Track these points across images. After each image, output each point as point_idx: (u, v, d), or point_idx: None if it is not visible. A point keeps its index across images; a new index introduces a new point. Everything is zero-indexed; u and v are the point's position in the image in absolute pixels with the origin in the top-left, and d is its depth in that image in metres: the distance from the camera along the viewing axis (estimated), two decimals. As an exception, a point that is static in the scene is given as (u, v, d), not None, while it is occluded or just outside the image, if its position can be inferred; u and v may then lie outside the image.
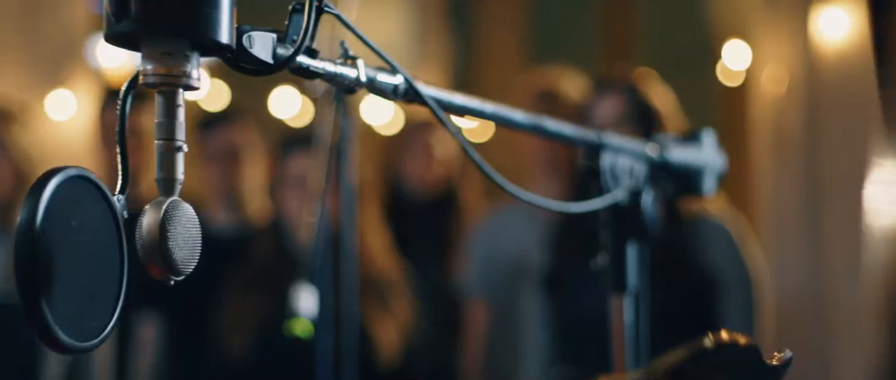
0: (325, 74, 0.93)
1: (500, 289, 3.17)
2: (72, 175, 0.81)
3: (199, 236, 0.84)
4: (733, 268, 2.53)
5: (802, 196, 4.14)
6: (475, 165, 1.03)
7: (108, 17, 0.80)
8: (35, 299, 0.76)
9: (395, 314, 2.72)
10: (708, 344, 0.72)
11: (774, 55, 4.25)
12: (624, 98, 2.61)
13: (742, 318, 2.52)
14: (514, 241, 3.14)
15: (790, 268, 3.99)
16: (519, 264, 3.06)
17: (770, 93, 4.29)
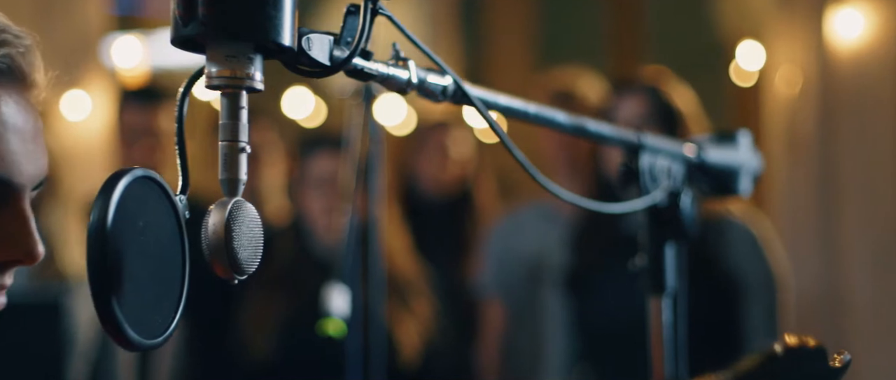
0: (378, 76, 0.95)
1: (516, 289, 3.18)
2: (138, 176, 0.82)
3: (262, 236, 0.85)
4: (757, 270, 2.54)
5: (817, 197, 4.15)
6: (521, 166, 1.04)
7: (174, 20, 0.82)
8: (107, 297, 0.78)
9: (415, 314, 2.73)
10: (779, 350, 0.73)
11: (788, 56, 4.26)
12: (645, 99, 2.61)
13: (766, 320, 2.53)
14: (531, 241, 3.15)
15: (804, 268, 3.99)
16: (536, 265, 3.07)
17: (784, 93, 4.30)
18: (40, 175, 0.92)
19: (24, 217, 0.89)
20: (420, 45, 0.97)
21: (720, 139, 1.31)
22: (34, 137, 0.91)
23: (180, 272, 0.87)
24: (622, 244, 2.68)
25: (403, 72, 0.97)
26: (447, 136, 3.57)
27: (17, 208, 0.89)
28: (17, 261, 0.89)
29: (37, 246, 0.89)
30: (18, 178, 0.89)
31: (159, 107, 3.32)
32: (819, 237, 4.14)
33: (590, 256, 2.72)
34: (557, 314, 2.81)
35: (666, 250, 1.23)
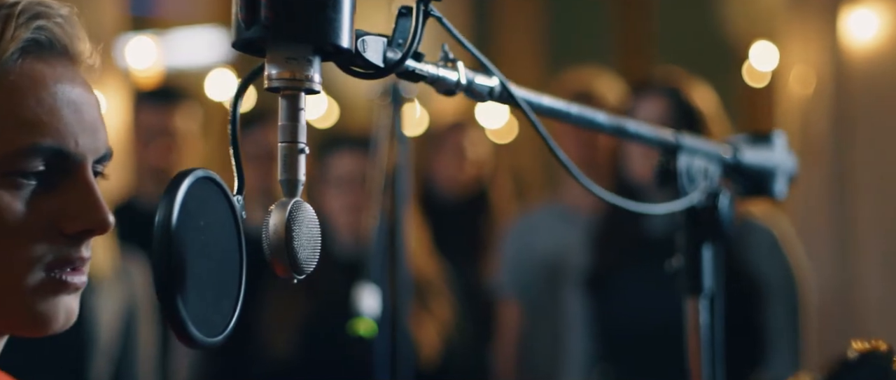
0: (429, 77, 0.96)
1: (533, 289, 3.19)
2: (200, 176, 0.84)
3: (320, 236, 0.87)
4: (779, 271, 2.54)
5: (830, 197, 4.16)
6: (564, 168, 1.06)
7: (237, 23, 0.83)
8: (172, 296, 0.79)
9: (434, 314, 2.74)
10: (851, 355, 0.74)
11: (802, 56, 4.27)
12: (665, 100, 2.62)
13: (788, 321, 2.54)
14: (548, 241, 3.15)
15: (819, 269, 4.00)
16: (554, 265, 3.08)
17: (797, 94, 4.31)
18: (100, 148, 0.92)
19: (90, 188, 0.90)
20: (469, 47, 0.99)
21: (755, 140, 1.32)
22: (88, 108, 0.92)
23: (238, 271, 0.88)
24: (643, 245, 2.69)
25: (453, 73, 0.98)
26: (464, 136, 3.58)
27: (82, 180, 0.90)
28: (90, 231, 0.90)
29: (107, 215, 0.89)
30: (76, 148, 0.89)
31: (175, 107, 3.33)
32: (832, 237, 4.14)
33: (610, 256, 2.73)
34: (577, 315, 2.82)
35: (703, 251, 1.24)
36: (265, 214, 0.85)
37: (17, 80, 0.88)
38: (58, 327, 0.90)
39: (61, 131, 0.89)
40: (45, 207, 0.88)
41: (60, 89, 0.90)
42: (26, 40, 0.89)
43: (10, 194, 0.87)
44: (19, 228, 0.87)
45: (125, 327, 2.57)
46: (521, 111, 1.04)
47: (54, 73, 0.90)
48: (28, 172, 0.87)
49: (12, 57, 0.88)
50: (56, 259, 0.88)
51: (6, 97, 0.87)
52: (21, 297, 0.87)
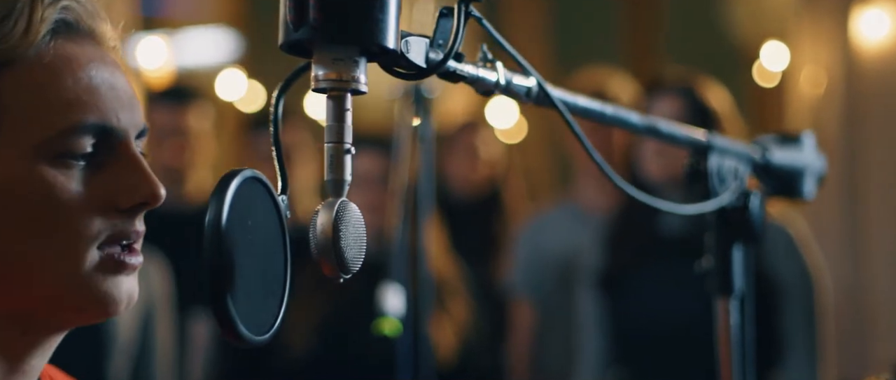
0: (469, 78, 0.96)
1: (546, 289, 3.19)
2: (247, 176, 0.84)
3: (365, 236, 0.87)
4: (794, 271, 2.54)
5: (841, 197, 4.16)
6: (600, 169, 1.06)
7: (285, 25, 0.83)
8: (222, 295, 0.80)
9: (451, 314, 2.75)
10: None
11: (813, 56, 4.27)
12: (680, 100, 2.62)
13: (804, 321, 2.54)
14: (561, 241, 3.16)
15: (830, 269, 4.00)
16: (567, 265, 3.08)
17: (808, 94, 4.31)
18: (139, 123, 0.93)
19: (137, 161, 0.90)
20: (508, 48, 0.99)
21: (784, 140, 1.32)
22: (122, 85, 0.92)
23: (283, 270, 0.89)
24: (657, 245, 2.69)
25: (492, 73, 0.99)
26: (476, 136, 3.58)
27: (128, 154, 0.90)
28: (144, 204, 0.90)
29: (159, 187, 0.90)
30: (118, 123, 0.90)
31: (188, 106, 3.34)
32: (843, 237, 4.15)
33: (624, 256, 2.73)
34: (591, 315, 2.82)
35: (733, 252, 1.25)
36: (312, 214, 0.85)
37: (53, 62, 0.88)
38: (122, 307, 0.90)
39: (102, 108, 0.89)
40: (96, 185, 0.88)
41: (94, 68, 0.90)
42: (55, 21, 0.89)
43: (62, 175, 0.87)
44: (75, 208, 0.87)
45: (143, 325, 2.58)
46: (557, 111, 1.04)
47: (85, 52, 0.91)
48: (75, 151, 0.88)
49: (44, 39, 0.88)
50: (113, 235, 0.89)
51: (45, 79, 0.88)
52: (84, 279, 0.88)
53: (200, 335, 3.01)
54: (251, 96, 5.06)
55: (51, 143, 0.87)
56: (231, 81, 4.95)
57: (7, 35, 0.87)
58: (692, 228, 2.62)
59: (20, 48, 0.87)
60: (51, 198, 0.86)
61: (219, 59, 5.47)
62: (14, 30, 0.87)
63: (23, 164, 0.86)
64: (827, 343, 2.67)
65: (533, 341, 3.26)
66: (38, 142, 0.87)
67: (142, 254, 0.93)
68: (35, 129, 0.87)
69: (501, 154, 3.74)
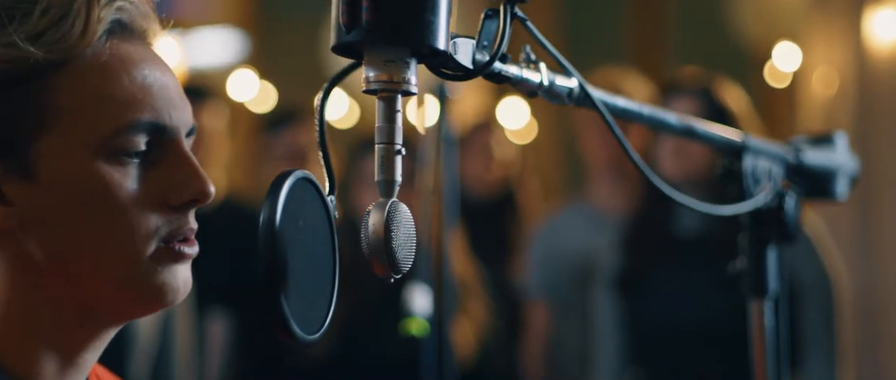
0: (513, 79, 0.97)
1: (561, 290, 3.19)
2: (299, 177, 0.85)
3: (415, 236, 0.88)
4: (813, 271, 2.54)
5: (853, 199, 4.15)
6: (639, 170, 1.06)
7: (337, 27, 0.84)
8: (275, 294, 0.81)
9: (469, 315, 2.75)
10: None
11: (825, 57, 4.27)
12: (697, 100, 2.62)
13: (823, 322, 2.54)
14: (576, 242, 3.16)
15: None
16: (583, 266, 3.09)
17: (820, 94, 4.31)
18: (189, 121, 0.95)
19: (188, 159, 0.92)
20: (550, 49, 1.00)
21: (817, 141, 1.33)
22: (173, 84, 0.94)
23: (332, 269, 0.90)
24: (674, 246, 2.69)
25: (535, 74, 0.99)
26: (491, 136, 3.59)
27: (179, 151, 0.92)
28: (195, 201, 0.92)
29: (209, 185, 0.92)
30: (170, 121, 0.92)
31: (202, 105, 3.34)
32: (855, 239, 4.14)
33: (641, 257, 2.73)
34: (608, 316, 2.82)
35: (768, 253, 1.25)
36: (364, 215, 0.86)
37: (109, 61, 0.90)
38: (179, 296, 0.92)
39: (156, 107, 0.91)
40: (150, 182, 0.90)
41: (147, 67, 0.92)
42: (111, 22, 0.91)
43: (119, 173, 0.89)
44: (133, 205, 0.89)
45: (163, 324, 2.59)
46: (597, 112, 1.05)
47: (138, 52, 0.92)
48: (131, 149, 0.89)
49: (100, 39, 0.90)
50: (170, 232, 0.91)
51: (102, 78, 0.90)
52: (143, 270, 0.90)
53: (217, 335, 3.02)
54: (263, 97, 5.06)
55: (107, 141, 0.89)
56: (243, 82, 4.95)
57: (65, 35, 0.88)
58: (708, 228, 2.62)
59: (77, 48, 0.89)
60: (108, 195, 0.88)
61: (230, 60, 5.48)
62: (72, 30, 0.88)
63: (80, 162, 0.88)
64: (846, 345, 2.67)
65: (547, 343, 3.26)
66: (95, 140, 0.89)
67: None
68: (92, 127, 0.89)
69: (516, 154, 3.74)
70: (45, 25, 0.88)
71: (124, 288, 0.90)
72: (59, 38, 0.88)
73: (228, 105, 4.74)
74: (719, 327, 2.58)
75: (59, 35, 0.88)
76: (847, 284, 2.85)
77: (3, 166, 0.88)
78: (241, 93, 4.94)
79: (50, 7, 0.88)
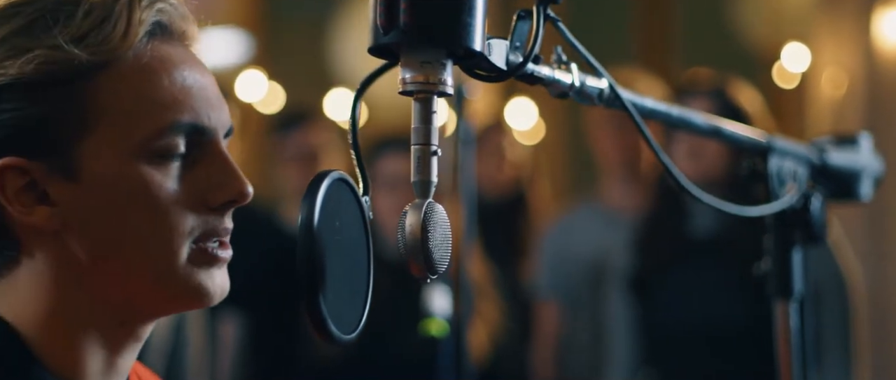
0: (546, 80, 0.97)
1: (572, 291, 3.19)
2: (336, 178, 0.86)
3: (450, 237, 0.88)
4: (829, 273, 2.54)
5: (863, 199, 4.15)
6: (669, 174, 1.06)
7: (375, 29, 0.84)
8: (314, 293, 0.81)
9: (483, 316, 2.75)
10: None
11: (834, 57, 4.27)
12: (711, 101, 2.62)
13: (839, 323, 2.53)
14: (588, 242, 3.16)
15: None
16: (595, 266, 3.09)
17: (829, 95, 4.30)
18: (227, 122, 0.96)
19: (226, 159, 0.93)
20: (581, 50, 1.00)
21: (841, 142, 1.33)
22: (211, 85, 0.95)
23: (367, 270, 0.90)
24: (688, 246, 2.69)
25: (567, 75, 0.99)
26: (502, 137, 3.58)
27: (217, 152, 0.93)
28: (232, 202, 0.93)
29: (247, 185, 0.93)
30: (209, 122, 0.93)
31: None
32: (865, 240, 4.14)
33: (654, 258, 2.73)
34: (621, 317, 2.82)
35: (793, 254, 1.25)
36: (400, 216, 0.86)
37: (150, 63, 0.91)
38: (215, 299, 0.93)
39: (195, 108, 0.92)
40: (189, 183, 0.91)
41: (186, 69, 0.93)
42: (152, 24, 0.92)
43: (159, 173, 0.90)
44: (171, 205, 0.90)
45: (176, 324, 2.59)
46: (627, 113, 1.05)
47: (177, 54, 0.93)
48: (171, 150, 0.90)
49: (141, 41, 0.91)
50: (205, 232, 0.92)
51: (142, 80, 0.90)
52: (180, 272, 0.91)
53: (228, 335, 3.02)
54: (271, 97, 5.06)
55: (148, 142, 0.90)
56: (251, 83, 4.95)
57: (107, 37, 0.89)
58: (722, 229, 2.62)
59: (119, 50, 0.90)
60: (148, 195, 0.89)
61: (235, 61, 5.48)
62: (114, 32, 0.89)
63: (121, 162, 0.89)
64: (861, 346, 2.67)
65: (558, 343, 3.26)
66: (136, 141, 0.89)
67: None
68: (133, 128, 0.90)
69: (526, 155, 3.74)
70: (88, 27, 0.89)
71: (162, 287, 0.91)
72: (102, 40, 0.89)
73: (237, 106, 4.75)
74: (732, 327, 2.59)
75: (101, 37, 0.89)
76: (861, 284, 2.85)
77: (47, 167, 0.89)
78: (250, 94, 4.94)
79: (92, 9, 0.89)
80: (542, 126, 5.35)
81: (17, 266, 0.91)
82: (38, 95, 0.88)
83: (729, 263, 2.59)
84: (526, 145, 4.28)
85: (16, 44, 0.88)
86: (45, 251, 0.90)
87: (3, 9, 0.90)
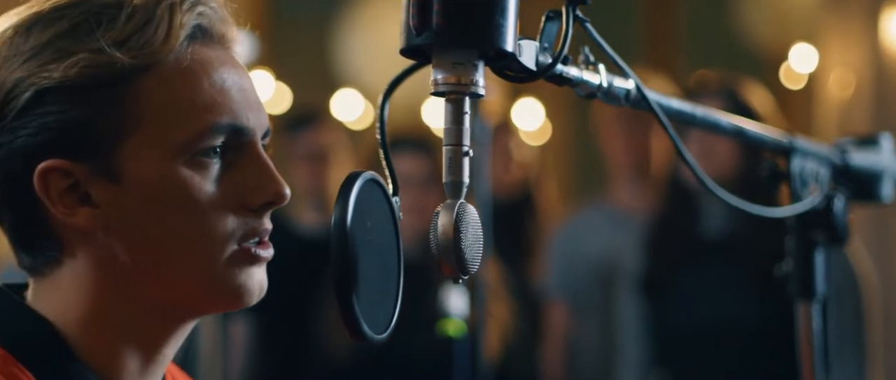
0: (574, 80, 0.97)
1: (582, 292, 3.19)
2: (368, 178, 0.86)
3: (482, 237, 0.88)
4: (842, 273, 2.54)
5: (870, 200, 4.14)
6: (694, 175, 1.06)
7: (407, 30, 0.84)
8: (347, 294, 0.81)
9: (494, 317, 2.75)
10: None
11: (842, 58, 4.26)
12: (722, 102, 2.62)
13: (853, 324, 2.53)
14: (598, 243, 3.16)
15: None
16: (606, 267, 3.08)
17: (836, 96, 4.30)
18: (264, 124, 0.96)
19: (264, 161, 0.94)
20: (609, 51, 1.00)
21: (862, 142, 1.33)
22: (250, 87, 0.96)
23: (397, 270, 0.91)
24: (699, 247, 2.69)
25: (595, 76, 0.99)
26: (510, 137, 3.58)
27: (255, 154, 0.94)
28: (271, 203, 0.94)
29: (285, 187, 0.94)
30: (248, 123, 0.94)
31: None
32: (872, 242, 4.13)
33: (666, 259, 2.73)
34: (631, 318, 2.82)
35: (815, 255, 1.25)
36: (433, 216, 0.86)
37: (191, 66, 0.92)
38: (255, 298, 0.94)
39: (234, 110, 0.93)
40: (228, 184, 0.92)
41: (226, 71, 0.94)
42: (192, 27, 0.93)
43: (199, 175, 0.91)
44: (211, 206, 0.91)
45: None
46: (653, 114, 1.05)
47: (217, 56, 0.94)
48: (211, 151, 0.91)
49: (183, 44, 0.92)
50: (245, 233, 0.92)
51: (184, 82, 0.91)
52: (220, 271, 0.91)
53: (239, 335, 3.03)
54: (278, 98, 5.06)
55: (189, 143, 0.91)
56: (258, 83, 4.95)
57: (149, 41, 0.90)
58: (733, 230, 2.62)
59: (160, 53, 0.91)
60: (189, 197, 0.90)
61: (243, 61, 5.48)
62: (155, 35, 0.90)
63: (162, 164, 0.90)
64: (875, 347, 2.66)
65: (567, 344, 3.26)
66: (176, 143, 0.90)
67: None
68: (174, 130, 0.90)
69: (534, 155, 3.74)
70: (130, 31, 0.90)
71: (203, 288, 0.92)
72: (144, 44, 0.90)
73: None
74: (744, 328, 2.59)
75: (143, 40, 0.90)
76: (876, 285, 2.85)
77: (90, 168, 0.90)
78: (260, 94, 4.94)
79: (134, 13, 0.90)
80: (548, 127, 5.35)
81: (60, 267, 0.92)
82: (81, 98, 0.89)
83: (740, 264, 2.59)
84: (533, 146, 4.28)
85: (60, 47, 0.89)
86: (87, 252, 0.92)
87: (48, 12, 0.91)
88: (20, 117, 0.89)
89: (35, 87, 0.88)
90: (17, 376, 0.88)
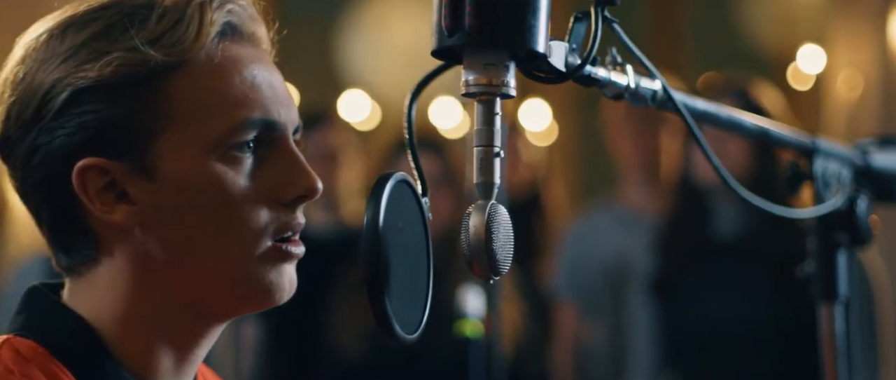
0: (602, 81, 0.97)
1: (591, 293, 3.19)
2: (399, 179, 0.86)
3: (512, 238, 0.88)
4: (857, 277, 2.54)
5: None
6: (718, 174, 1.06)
7: (439, 31, 0.84)
8: (380, 294, 0.81)
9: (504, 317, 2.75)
10: None
11: (850, 59, 4.26)
12: (734, 102, 2.62)
13: (865, 328, 2.53)
14: (608, 244, 3.15)
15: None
16: (615, 268, 3.08)
17: (844, 97, 4.30)
18: (295, 120, 0.97)
19: (296, 155, 0.95)
20: (636, 52, 1.00)
21: (883, 143, 1.32)
22: (280, 83, 0.97)
23: (427, 270, 0.91)
24: (710, 248, 2.69)
25: (622, 77, 0.99)
26: (517, 138, 3.58)
27: (287, 148, 0.95)
28: (303, 197, 0.94)
29: (317, 181, 0.95)
30: (279, 117, 0.94)
31: None
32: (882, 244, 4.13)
33: (676, 260, 2.73)
34: (642, 319, 2.82)
35: (838, 257, 1.25)
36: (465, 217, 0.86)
37: (222, 62, 0.93)
38: (285, 295, 0.95)
39: (265, 105, 0.94)
40: (260, 179, 0.93)
41: (256, 67, 0.95)
42: (222, 25, 0.94)
43: (232, 170, 0.92)
44: (244, 201, 0.92)
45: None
46: (679, 115, 1.05)
47: (247, 53, 0.95)
48: (243, 147, 0.92)
49: (213, 41, 0.93)
50: (278, 227, 0.93)
51: (215, 79, 0.92)
52: (253, 267, 0.92)
53: (249, 336, 3.02)
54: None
55: (221, 139, 0.92)
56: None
57: (180, 39, 0.91)
58: (744, 231, 2.62)
59: (192, 51, 0.92)
60: (222, 192, 0.91)
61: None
62: (186, 33, 0.91)
63: (196, 160, 0.91)
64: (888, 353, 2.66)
65: (576, 344, 3.26)
66: (209, 139, 0.91)
67: None
68: (207, 126, 0.91)
69: (541, 156, 3.74)
70: (162, 29, 0.91)
71: (235, 286, 0.93)
72: (176, 42, 0.91)
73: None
74: (755, 329, 2.59)
75: (175, 38, 0.91)
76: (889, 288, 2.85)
77: (126, 166, 0.91)
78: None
79: (166, 12, 0.92)
80: (555, 127, 5.35)
81: (96, 266, 0.93)
82: (116, 96, 0.90)
83: (751, 265, 2.59)
84: (540, 146, 4.28)
85: (95, 47, 0.90)
86: (124, 250, 0.92)
87: (83, 14, 0.92)
88: (58, 117, 0.90)
89: (72, 88, 0.89)
90: (56, 373, 0.89)
